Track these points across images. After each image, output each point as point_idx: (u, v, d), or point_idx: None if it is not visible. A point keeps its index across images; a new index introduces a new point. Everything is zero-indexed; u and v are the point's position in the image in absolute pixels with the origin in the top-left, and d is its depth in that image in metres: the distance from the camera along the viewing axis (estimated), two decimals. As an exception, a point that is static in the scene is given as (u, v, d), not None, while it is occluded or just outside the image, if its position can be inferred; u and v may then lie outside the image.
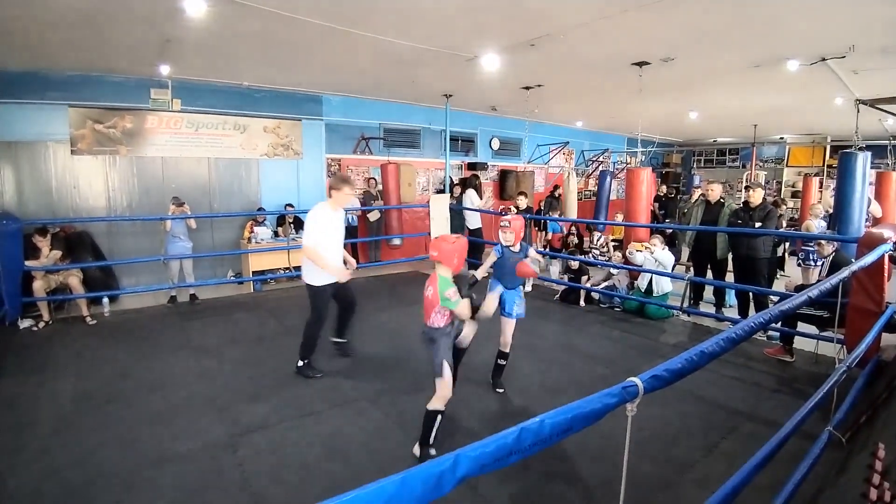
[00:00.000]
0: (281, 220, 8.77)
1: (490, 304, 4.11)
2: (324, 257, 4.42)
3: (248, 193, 8.87)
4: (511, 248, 4.17)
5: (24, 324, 6.02)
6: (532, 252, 4.25)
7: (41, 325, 6.06)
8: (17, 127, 6.86)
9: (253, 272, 8.07)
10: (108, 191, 7.61)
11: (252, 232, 8.20)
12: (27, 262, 6.07)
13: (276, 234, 8.61)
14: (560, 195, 11.83)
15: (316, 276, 4.53)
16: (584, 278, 7.51)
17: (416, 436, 3.34)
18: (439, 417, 3.21)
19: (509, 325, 4.27)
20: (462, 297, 3.24)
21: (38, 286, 6.06)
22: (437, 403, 3.21)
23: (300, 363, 4.67)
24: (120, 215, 7.66)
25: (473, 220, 9.85)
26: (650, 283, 6.68)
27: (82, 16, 4.79)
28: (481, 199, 10.80)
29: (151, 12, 4.72)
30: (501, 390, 4.37)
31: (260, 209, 8.58)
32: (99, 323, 6.25)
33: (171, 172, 8.06)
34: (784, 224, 9.18)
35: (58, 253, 6.29)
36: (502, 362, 4.38)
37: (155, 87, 7.69)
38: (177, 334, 5.85)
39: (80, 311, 6.33)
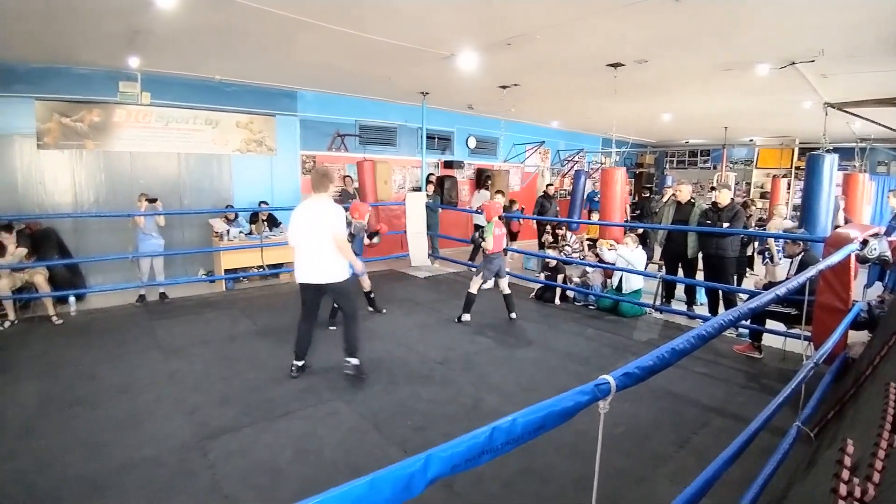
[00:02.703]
0: (254, 218, 8.62)
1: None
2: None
3: (220, 190, 8.67)
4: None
5: (-11, 323, 5.82)
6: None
7: (6, 324, 5.85)
8: (-19, 121, 6.60)
9: (225, 270, 7.91)
10: (75, 186, 7.37)
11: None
12: (-9, 260, 5.85)
13: (249, 231, 8.46)
14: (551, 194, 11.81)
15: (345, 271, 4.48)
16: (560, 277, 7.56)
17: (389, 433, 3.46)
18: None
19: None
20: None
21: (4, 284, 5.85)
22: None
23: (355, 361, 4.52)
24: (86, 211, 7.42)
25: (481, 220, 9.81)
26: (620, 280, 6.77)
27: (49, 6, 4.62)
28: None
29: (120, 3, 4.57)
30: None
31: (228, 206, 8.42)
32: (65, 322, 6.07)
33: (140, 168, 7.84)
34: (753, 224, 9.37)
35: (23, 250, 6.07)
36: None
37: (123, 80, 7.47)
38: (145, 334, 5.69)
39: (46, 310, 6.14)
